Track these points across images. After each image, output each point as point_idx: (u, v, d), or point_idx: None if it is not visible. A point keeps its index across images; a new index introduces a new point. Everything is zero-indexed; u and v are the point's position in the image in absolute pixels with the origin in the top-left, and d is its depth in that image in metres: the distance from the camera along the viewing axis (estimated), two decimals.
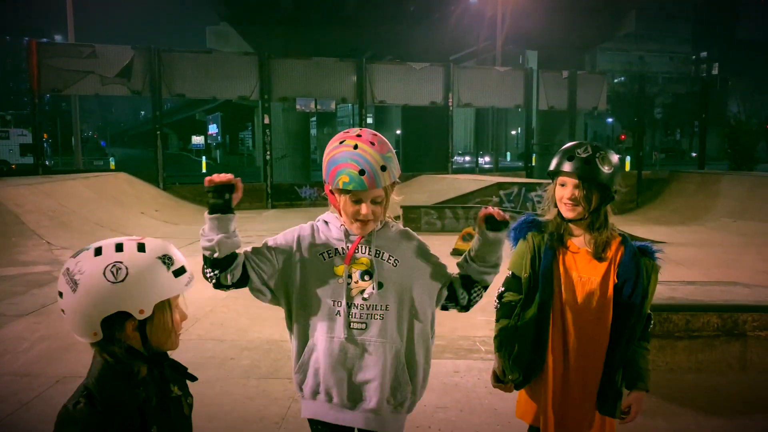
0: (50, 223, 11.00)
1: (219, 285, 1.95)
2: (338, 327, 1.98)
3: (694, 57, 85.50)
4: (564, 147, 2.33)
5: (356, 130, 1.97)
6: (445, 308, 2.19)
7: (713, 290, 5.13)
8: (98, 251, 1.43)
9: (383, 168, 1.90)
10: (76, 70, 17.69)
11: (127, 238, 1.50)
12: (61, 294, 1.44)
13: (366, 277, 2.00)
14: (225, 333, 5.58)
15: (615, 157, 2.26)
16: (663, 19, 74.38)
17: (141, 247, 1.46)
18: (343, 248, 2.02)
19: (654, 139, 54.43)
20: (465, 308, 2.18)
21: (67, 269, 1.43)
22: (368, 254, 2.01)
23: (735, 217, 14.83)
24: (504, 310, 2.40)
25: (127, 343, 1.45)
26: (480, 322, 6.04)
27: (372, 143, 1.91)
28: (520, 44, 35.14)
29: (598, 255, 2.26)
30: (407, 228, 2.16)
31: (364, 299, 1.99)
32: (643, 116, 26.15)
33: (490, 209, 2.02)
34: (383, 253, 2.03)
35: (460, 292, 2.14)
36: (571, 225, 2.31)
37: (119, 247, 1.44)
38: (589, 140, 2.57)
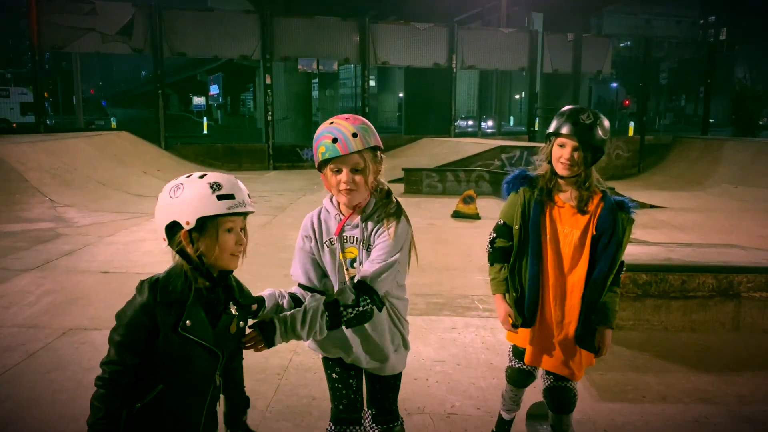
0: (53, 180, 11.04)
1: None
2: None
3: (701, 21, 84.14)
4: (565, 110, 2.52)
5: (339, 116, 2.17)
6: None
7: (710, 252, 5.19)
8: (177, 179, 1.81)
9: (354, 135, 2.06)
10: (76, 27, 17.48)
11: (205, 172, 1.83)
12: None
13: (355, 265, 2.20)
14: None
15: (608, 123, 2.53)
16: None
17: (202, 176, 1.79)
18: (336, 238, 2.21)
19: (658, 104, 54.00)
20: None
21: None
22: (356, 243, 2.19)
23: (736, 183, 14.84)
24: (497, 254, 2.71)
25: (182, 248, 1.77)
26: (478, 281, 6.13)
27: (346, 118, 2.12)
28: (526, 6, 34.56)
29: (581, 209, 2.53)
30: (397, 211, 2.19)
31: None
32: (648, 81, 25.92)
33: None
34: (367, 241, 2.18)
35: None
36: (560, 181, 2.56)
37: (189, 176, 1.81)
38: (593, 105, 2.74)
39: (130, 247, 7.39)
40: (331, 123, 2.11)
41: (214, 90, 68.52)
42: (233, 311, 1.86)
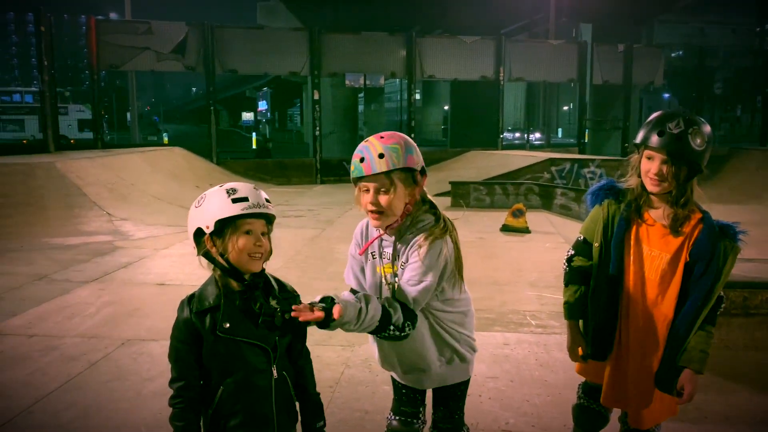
0: (110, 195, 11.40)
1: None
2: None
3: (758, 29, 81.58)
4: (654, 117, 2.21)
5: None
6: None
7: None
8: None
9: (380, 155, 2.02)
10: (132, 46, 18.11)
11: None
12: None
13: (395, 278, 2.18)
14: None
15: (708, 129, 2.16)
16: None
17: (222, 185, 1.93)
18: (377, 252, 2.23)
19: (713, 115, 52.50)
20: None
21: None
22: (391, 260, 2.18)
23: None
24: (572, 274, 2.44)
25: (206, 251, 1.90)
26: (529, 296, 6.06)
27: (381, 137, 2.09)
28: (574, 17, 34.17)
29: (675, 230, 2.20)
30: (431, 227, 2.12)
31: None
32: (702, 91, 25.26)
33: (300, 315, 1.82)
34: (399, 260, 2.16)
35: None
36: (652, 197, 2.25)
37: (213, 186, 1.94)
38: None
39: (185, 260, 7.58)
40: (366, 141, 2.10)
41: (262, 105, 69.90)
42: (273, 304, 1.93)
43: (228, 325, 1.86)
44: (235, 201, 1.86)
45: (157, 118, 73.50)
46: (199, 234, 1.89)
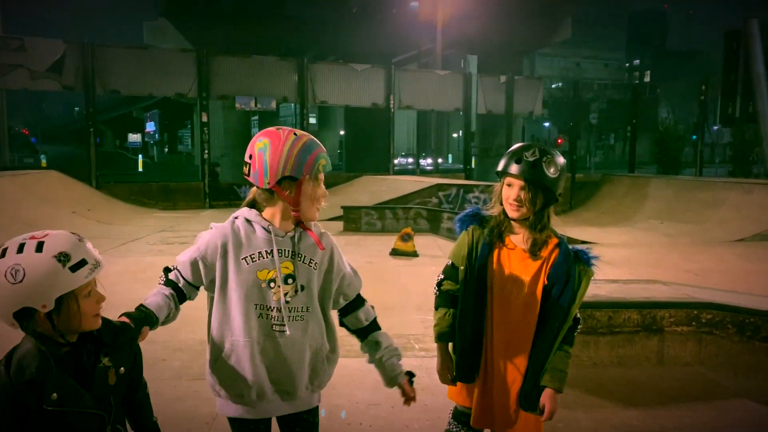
0: None
1: None
2: (260, 330, 2.03)
3: (627, 64, 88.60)
4: (512, 148, 2.37)
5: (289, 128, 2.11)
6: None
7: (635, 288, 5.36)
8: (3, 253, 1.58)
9: None
10: (3, 63, 17.00)
11: (31, 235, 1.62)
12: None
13: (289, 281, 2.04)
14: (156, 334, 5.32)
15: (561, 160, 2.33)
16: (599, 27, 76.89)
17: (39, 247, 1.58)
18: (267, 252, 2.03)
19: (589, 143, 56.17)
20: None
21: None
22: (290, 258, 2.05)
23: (662, 219, 15.49)
24: (442, 298, 2.49)
25: (39, 331, 1.60)
26: (415, 320, 6.14)
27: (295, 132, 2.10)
28: (461, 48, 35.62)
29: (534, 254, 2.32)
30: (325, 231, 2.17)
31: (286, 302, 2.04)
32: (578, 121, 26.99)
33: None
34: (304, 256, 2.07)
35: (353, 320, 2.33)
36: (513, 223, 2.37)
37: (20, 248, 1.58)
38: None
39: None
40: (312, 138, 2.08)
41: (150, 127, 67.35)
42: (106, 363, 1.72)
43: (56, 395, 1.60)
44: (73, 269, 1.58)
45: (34, 139, 68.95)
46: (24, 312, 1.58)
